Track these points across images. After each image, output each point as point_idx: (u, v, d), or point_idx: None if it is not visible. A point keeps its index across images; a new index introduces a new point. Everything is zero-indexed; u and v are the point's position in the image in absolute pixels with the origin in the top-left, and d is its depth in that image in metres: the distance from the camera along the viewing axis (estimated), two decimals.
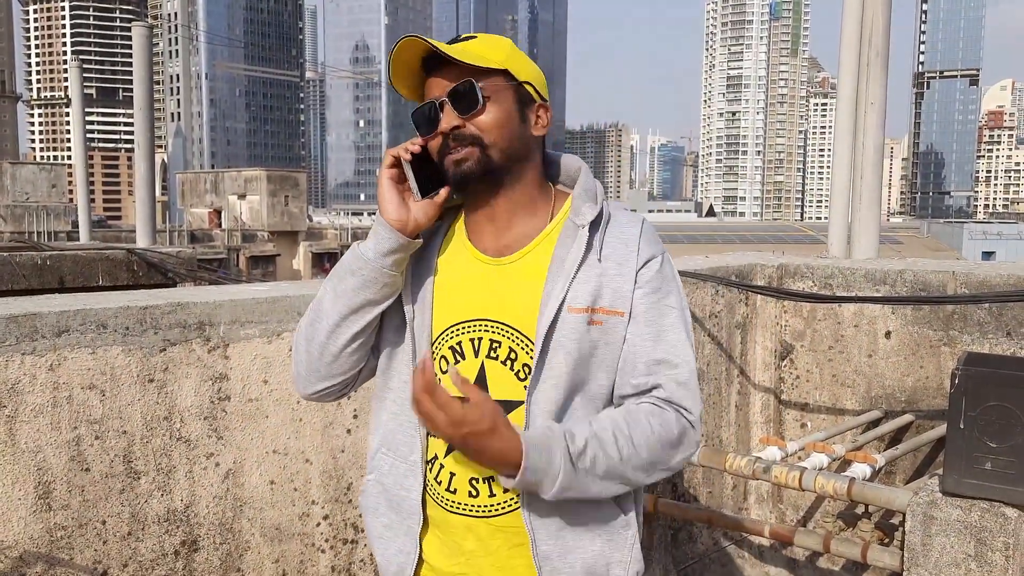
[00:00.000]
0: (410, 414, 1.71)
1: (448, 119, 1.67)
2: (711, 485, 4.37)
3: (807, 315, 4.40)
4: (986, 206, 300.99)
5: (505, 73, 1.70)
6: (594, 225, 1.71)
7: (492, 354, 1.69)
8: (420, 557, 1.75)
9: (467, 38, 1.73)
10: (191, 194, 37.63)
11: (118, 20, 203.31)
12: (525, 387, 1.67)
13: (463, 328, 1.71)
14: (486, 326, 1.70)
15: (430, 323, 1.74)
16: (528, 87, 1.73)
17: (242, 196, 35.68)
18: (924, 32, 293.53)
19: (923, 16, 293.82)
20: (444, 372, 1.72)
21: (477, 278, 1.73)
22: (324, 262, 36.20)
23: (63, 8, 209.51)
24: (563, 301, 1.65)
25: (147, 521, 2.69)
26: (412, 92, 1.75)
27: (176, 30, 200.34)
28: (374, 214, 1.73)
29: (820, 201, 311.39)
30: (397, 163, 1.70)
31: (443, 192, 1.71)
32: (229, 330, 2.84)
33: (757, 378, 4.54)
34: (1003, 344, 3.81)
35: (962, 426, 2.80)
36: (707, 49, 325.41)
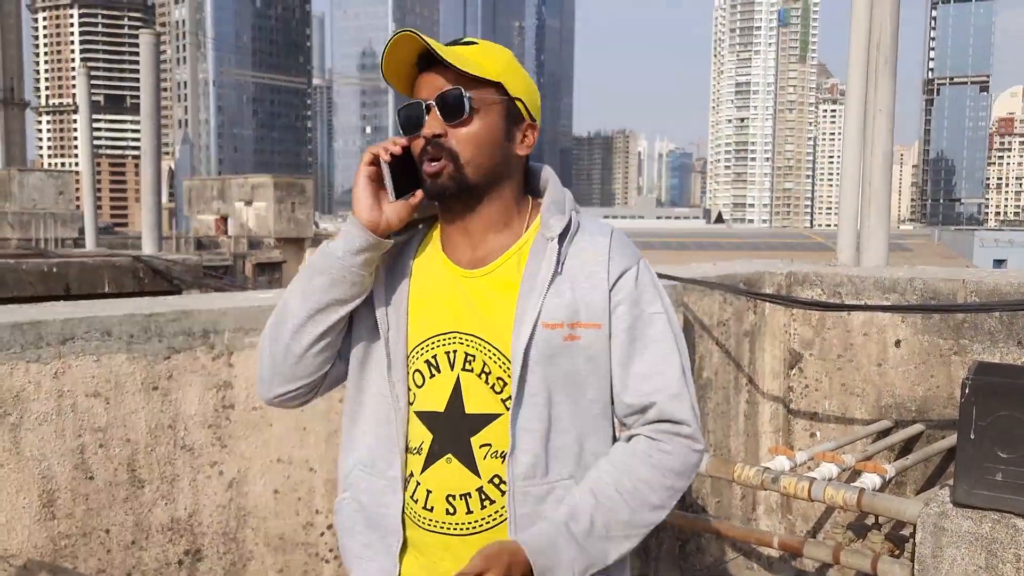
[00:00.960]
0: (387, 428, 1.70)
1: (431, 125, 1.64)
2: (719, 495, 4.35)
3: (816, 323, 4.37)
4: (997, 213, 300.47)
5: (498, 86, 1.66)
6: (562, 237, 1.68)
7: (467, 367, 1.67)
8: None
9: (467, 43, 1.70)
10: (198, 201, 37.70)
11: (126, 28, 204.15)
12: (502, 400, 1.64)
13: (438, 341, 1.69)
14: (460, 339, 1.67)
15: (405, 335, 1.70)
16: (519, 104, 1.70)
17: (249, 203, 35.75)
18: (934, 39, 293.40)
19: (932, 23, 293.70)
20: (419, 387, 1.69)
21: (451, 290, 1.70)
22: None
23: (72, 16, 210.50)
24: (537, 317, 1.62)
25: (151, 530, 2.68)
26: (403, 86, 1.72)
27: (184, 37, 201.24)
28: None
29: (830, 208, 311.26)
30: (376, 161, 1.67)
31: (418, 195, 1.68)
32: (233, 338, 2.83)
33: (766, 387, 4.51)
34: (1014, 353, 3.77)
35: (972, 436, 2.78)
36: (715, 55, 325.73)
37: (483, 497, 1.65)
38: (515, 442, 1.62)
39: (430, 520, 1.68)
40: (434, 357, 1.69)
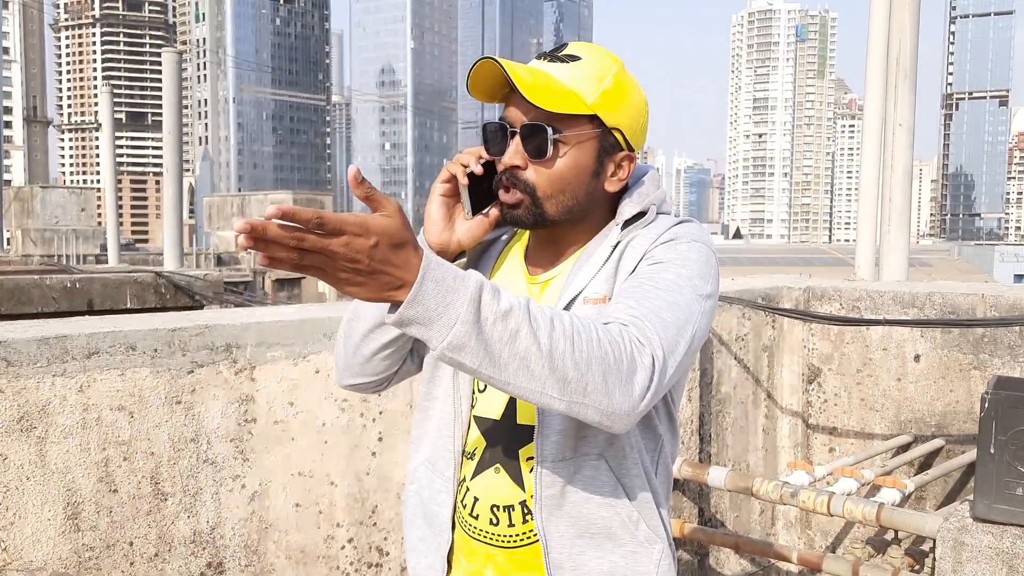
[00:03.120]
0: (450, 429, 1.67)
1: (512, 154, 1.55)
2: (738, 510, 4.34)
3: (835, 338, 4.37)
4: (1017, 228, 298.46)
5: (593, 119, 1.54)
6: (630, 223, 1.59)
7: None
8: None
9: (568, 56, 1.57)
10: (218, 217, 37.92)
11: (148, 46, 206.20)
12: None
13: None
14: None
15: None
16: (616, 133, 1.57)
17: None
18: (952, 54, 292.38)
19: (951, 38, 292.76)
20: (482, 391, 1.65)
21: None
22: None
23: (94, 34, 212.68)
24: (580, 292, 1.54)
25: (174, 543, 2.70)
26: (494, 98, 1.60)
27: (205, 55, 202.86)
28: None
29: (848, 223, 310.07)
30: (453, 178, 1.58)
31: (494, 213, 1.60)
32: (256, 352, 2.85)
33: (784, 402, 4.51)
34: None
35: (992, 451, 2.77)
36: (733, 71, 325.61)
37: (525, 511, 1.60)
38: (542, 419, 1.54)
39: (475, 528, 1.64)
40: None
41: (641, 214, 1.61)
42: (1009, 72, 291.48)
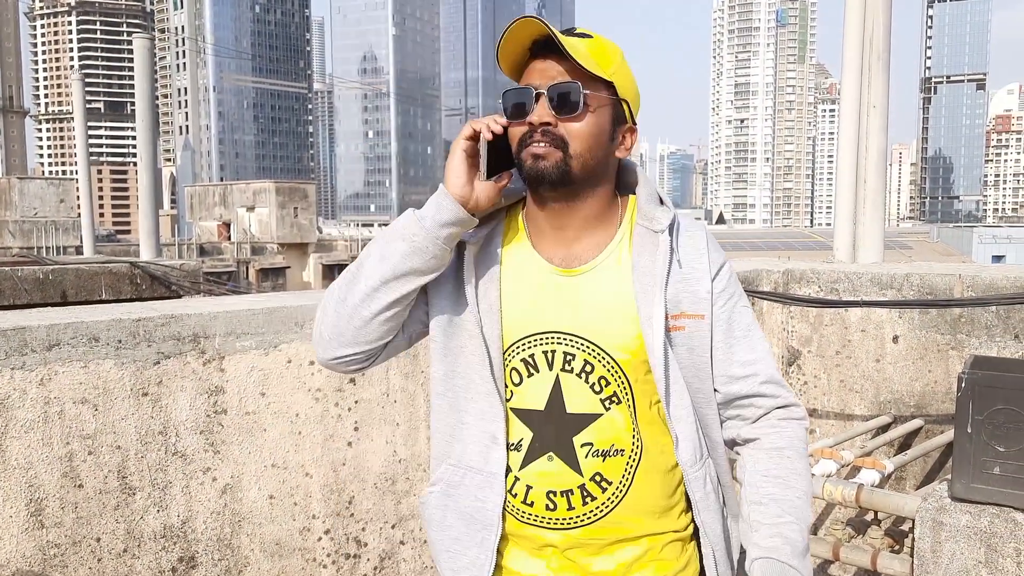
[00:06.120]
0: (486, 424, 1.69)
1: (541, 112, 1.61)
2: None
3: (814, 320, 4.35)
4: (995, 210, 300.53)
5: (609, 85, 1.65)
6: (670, 229, 1.69)
7: (567, 367, 1.67)
8: (499, 564, 1.73)
9: (582, 34, 1.67)
10: (200, 207, 37.74)
11: (125, 34, 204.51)
12: (601, 400, 1.66)
13: (534, 340, 1.68)
14: (559, 339, 1.67)
15: (500, 333, 1.68)
16: (624, 105, 1.69)
17: (251, 208, 35.77)
18: (930, 38, 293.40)
19: (929, 22, 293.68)
20: (517, 384, 1.69)
21: (547, 289, 1.69)
22: (334, 273, 36.23)
23: (70, 23, 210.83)
24: (665, 308, 1.65)
25: (143, 538, 2.66)
26: (513, 69, 1.69)
27: (184, 43, 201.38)
28: (384, 225, 1.61)
29: (829, 207, 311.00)
30: (475, 137, 1.62)
31: (506, 178, 1.65)
32: (224, 342, 2.81)
33: None
34: (1011, 347, 3.75)
35: (970, 430, 2.76)
36: (714, 57, 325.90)
37: (585, 494, 1.67)
38: (676, 433, 1.71)
39: (529, 514, 1.69)
40: (531, 356, 1.68)
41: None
42: (986, 56, 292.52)
